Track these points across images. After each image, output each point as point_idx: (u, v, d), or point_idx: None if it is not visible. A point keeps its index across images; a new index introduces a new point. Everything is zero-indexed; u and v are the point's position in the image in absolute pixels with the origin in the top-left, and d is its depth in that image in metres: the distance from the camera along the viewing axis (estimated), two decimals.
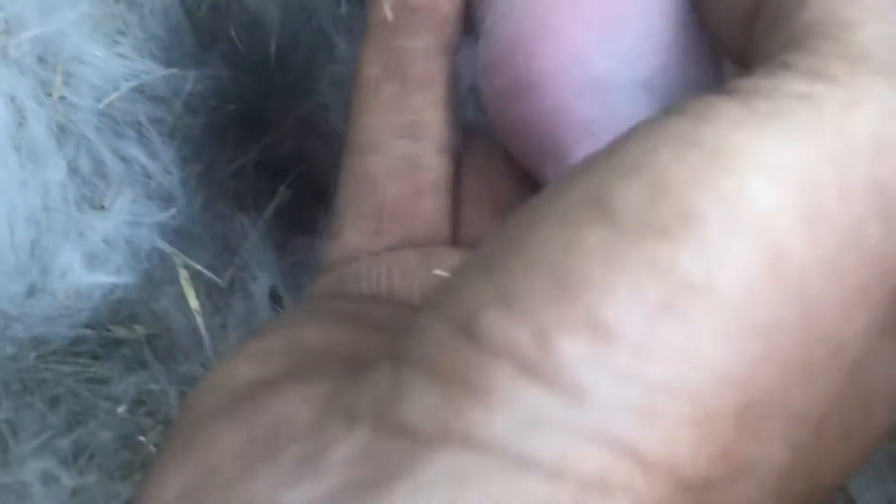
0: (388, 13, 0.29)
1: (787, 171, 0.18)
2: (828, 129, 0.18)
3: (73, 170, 0.33)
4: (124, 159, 0.34)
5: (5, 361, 0.32)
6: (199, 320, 0.34)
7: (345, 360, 0.21)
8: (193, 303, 0.34)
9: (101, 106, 0.33)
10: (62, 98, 0.33)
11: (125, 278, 0.32)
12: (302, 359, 0.22)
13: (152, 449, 0.33)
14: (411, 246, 0.28)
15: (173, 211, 0.35)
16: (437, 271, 0.27)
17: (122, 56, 0.34)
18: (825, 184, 0.18)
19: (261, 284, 0.35)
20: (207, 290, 0.35)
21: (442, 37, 0.29)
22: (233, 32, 0.38)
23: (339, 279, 0.28)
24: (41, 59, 0.32)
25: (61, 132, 0.33)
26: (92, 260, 0.32)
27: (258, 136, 0.38)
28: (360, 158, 0.29)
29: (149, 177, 0.34)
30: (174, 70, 0.35)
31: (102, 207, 0.32)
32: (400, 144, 0.29)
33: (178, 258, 0.34)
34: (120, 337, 0.34)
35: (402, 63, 0.29)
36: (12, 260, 0.32)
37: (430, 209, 0.29)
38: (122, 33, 0.34)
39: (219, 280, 0.34)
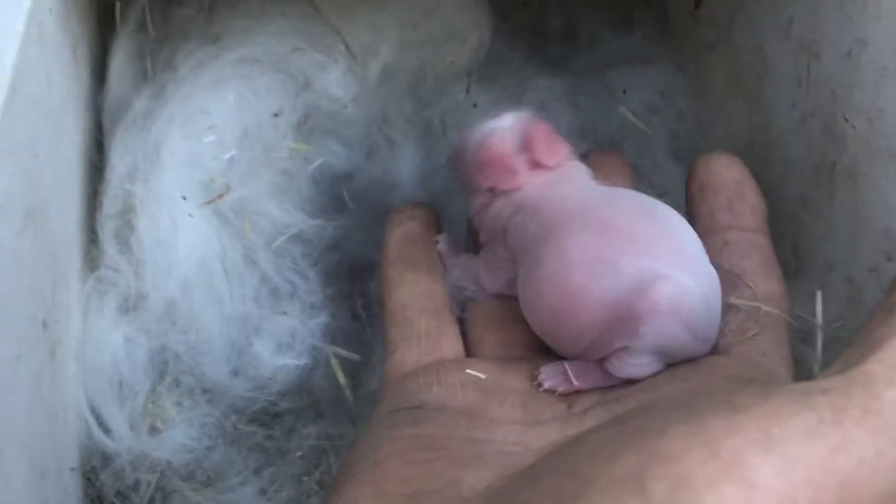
0: None
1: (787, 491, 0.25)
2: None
3: (258, 288, 0.47)
4: (289, 281, 0.48)
5: (218, 422, 0.45)
6: (347, 393, 0.47)
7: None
8: (342, 380, 0.47)
9: (273, 246, 0.48)
10: (249, 240, 0.47)
11: (304, 360, 0.46)
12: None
13: (314, 486, 0.46)
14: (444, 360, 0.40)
15: (322, 317, 0.48)
16: (469, 371, 0.38)
17: (285, 211, 0.49)
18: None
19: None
20: (349, 368, 0.48)
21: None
22: (345, 195, 0.53)
23: (398, 397, 0.37)
24: (237, 213, 0.47)
25: (250, 262, 0.47)
26: (281, 348, 0.46)
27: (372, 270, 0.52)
28: (400, 309, 0.41)
29: (304, 294, 0.49)
30: (319, 221, 0.50)
31: (285, 313, 0.46)
32: (421, 304, 0.42)
33: (329, 348, 0.48)
34: (291, 406, 0.47)
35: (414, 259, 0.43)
36: (221, 350, 0.46)
37: (450, 335, 0.41)
38: (285, 194, 0.49)
39: (356, 356, 0.47)
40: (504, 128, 0.43)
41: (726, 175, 0.43)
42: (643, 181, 0.53)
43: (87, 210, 0.47)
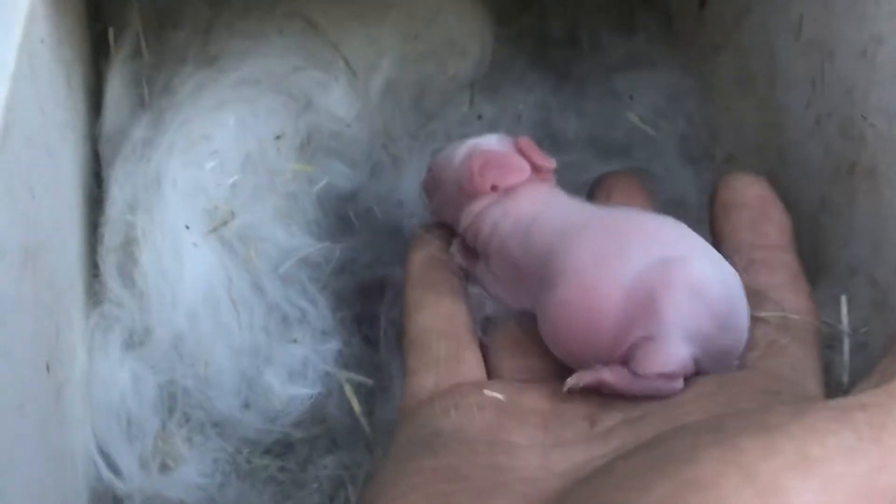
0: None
1: None
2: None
3: (267, 316, 0.46)
4: (298, 308, 0.47)
5: (230, 457, 0.44)
6: (363, 420, 0.46)
7: None
8: (357, 407, 0.46)
9: (280, 271, 0.47)
10: (255, 266, 0.46)
11: (317, 389, 0.45)
12: None
13: None
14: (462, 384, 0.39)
15: (333, 343, 0.47)
16: (487, 392, 0.37)
17: (291, 234, 0.48)
18: None
19: (398, 383, 0.47)
20: (363, 395, 0.47)
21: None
22: (351, 215, 0.52)
23: (416, 425, 0.36)
24: (242, 239, 0.46)
25: (257, 290, 0.46)
26: (293, 377, 0.44)
27: (382, 291, 0.51)
28: (420, 333, 0.40)
29: (314, 319, 0.47)
30: (326, 243, 0.49)
31: (295, 341, 0.45)
32: (442, 327, 0.40)
33: (342, 374, 0.46)
34: (305, 436, 0.46)
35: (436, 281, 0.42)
36: (230, 383, 0.45)
37: (470, 359, 0.40)
38: (290, 218, 0.48)
39: (370, 381, 0.46)
40: (492, 140, 0.43)
41: (749, 193, 0.42)
42: (655, 187, 0.51)
43: (88, 244, 0.46)
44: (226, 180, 0.44)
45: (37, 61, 0.37)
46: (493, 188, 0.40)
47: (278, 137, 0.46)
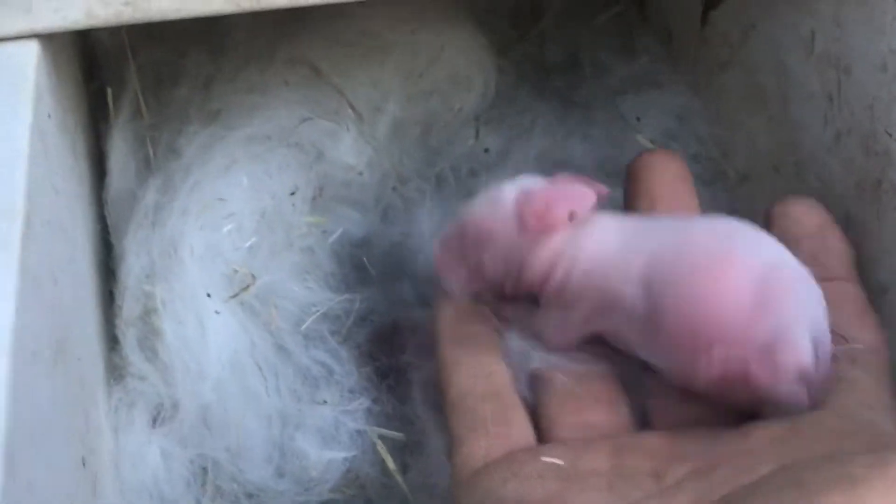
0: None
1: None
2: None
3: (293, 378, 0.45)
4: (323, 365, 0.46)
5: None
6: (398, 478, 0.45)
7: None
8: (391, 465, 0.45)
9: (301, 329, 0.46)
10: (277, 327, 0.45)
11: (352, 452, 0.43)
12: None
13: None
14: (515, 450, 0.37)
15: (362, 400, 0.46)
16: (545, 458, 0.35)
17: (309, 290, 0.47)
18: None
19: (431, 437, 0.45)
20: (396, 451, 0.45)
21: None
22: (366, 262, 0.51)
23: (476, 497, 0.35)
24: (262, 300, 0.44)
25: (281, 351, 0.45)
26: (326, 441, 0.43)
27: (402, 338, 0.50)
28: (461, 395, 0.39)
29: (341, 377, 0.46)
30: (346, 296, 0.47)
31: (325, 402, 0.43)
32: (483, 388, 0.39)
33: (374, 431, 0.45)
34: (340, 499, 0.45)
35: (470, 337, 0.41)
36: (262, 451, 0.43)
37: (518, 420, 0.38)
38: (308, 273, 0.46)
39: (402, 436, 0.45)
40: (531, 180, 0.41)
41: (807, 222, 0.41)
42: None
43: (104, 316, 0.44)
44: (243, 242, 0.43)
45: (47, 138, 0.36)
46: (571, 217, 0.39)
47: (293, 193, 0.45)
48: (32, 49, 0.37)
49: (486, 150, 0.56)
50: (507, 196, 0.40)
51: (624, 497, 0.33)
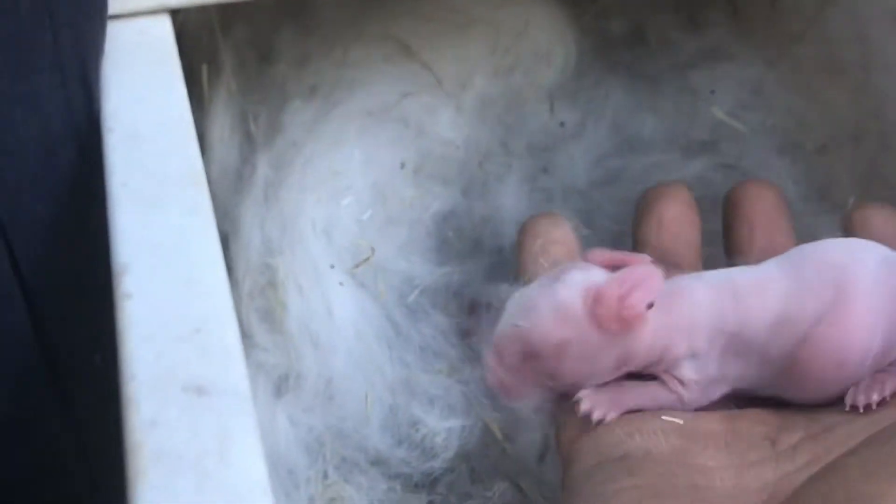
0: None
1: None
2: None
3: (405, 349, 0.45)
4: (431, 338, 0.46)
5: (384, 495, 0.43)
6: (507, 447, 0.45)
7: None
8: (499, 435, 0.45)
9: (408, 301, 0.46)
10: (386, 299, 0.45)
11: (470, 420, 0.44)
12: None
13: None
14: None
15: (470, 370, 0.46)
16: (665, 417, 0.36)
17: (412, 263, 0.47)
18: None
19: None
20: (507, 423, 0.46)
21: None
22: (451, 234, 0.51)
23: (600, 450, 0.36)
24: (374, 273, 0.45)
25: (392, 323, 0.45)
26: (443, 411, 0.43)
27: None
28: None
29: (447, 348, 0.47)
30: (446, 269, 0.48)
31: (440, 372, 0.44)
32: None
33: (481, 405, 0.46)
34: (453, 467, 0.45)
35: None
36: (383, 420, 0.44)
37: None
38: (412, 246, 0.47)
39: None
40: (580, 271, 0.37)
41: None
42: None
43: None
44: (361, 215, 0.43)
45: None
46: (650, 306, 0.36)
47: (403, 166, 0.46)
48: (165, 23, 0.37)
49: (562, 124, 0.57)
50: (569, 300, 0.36)
51: (743, 457, 0.34)
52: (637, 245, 0.45)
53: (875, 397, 0.34)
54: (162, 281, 0.27)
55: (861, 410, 0.34)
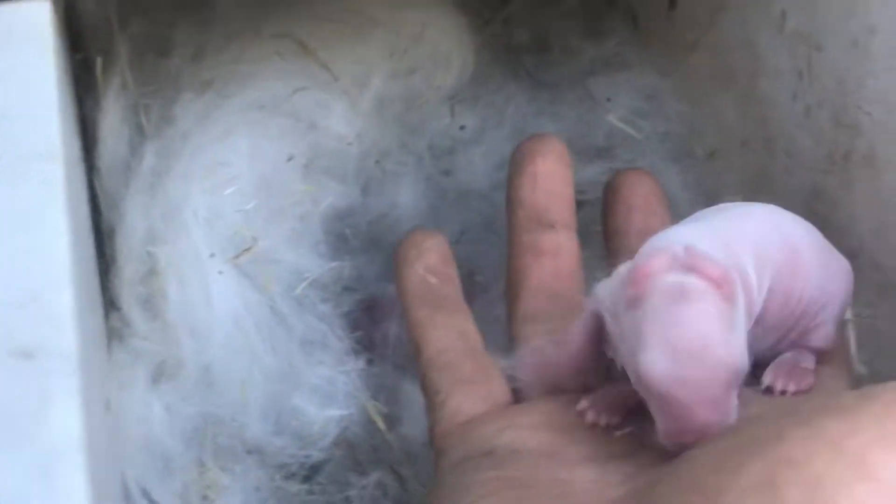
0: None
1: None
2: None
3: (288, 340, 0.46)
4: (316, 330, 0.47)
5: (261, 483, 0.44)
6: (389, 438, 0.46)
7: None
8: (382, 426, 0.46)
9: (295, 293, 0.47)
10: (272, 291, 0.46)
11: (350, 410, 0.44)
12: None
13: None
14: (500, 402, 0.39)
15: (354, 363, 0.47)
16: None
17: (301, 256, 0.47)
18: None
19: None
20: (387, 415, 0.47)
21: None
22: (349, 233, 0.52)
23: (468, 444, 0.37)
24: (258, 264, 0.45)
25: (276, 314, 0.46)
26: (323, 400, 0.44)
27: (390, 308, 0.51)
28: (440, 352, 0.41)
29: (332, 341, 0.47)
30: (335, 264, 0.48)
31: (321, 363, 0.44)
32: (460, 345, 0.41)
33: (366, 394, 0.46)
34: (332, 457, 0.46)
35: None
36: (263, 409, 0.44)
37: (497, 377, 0.40)
38: (300, 239, 0.47)
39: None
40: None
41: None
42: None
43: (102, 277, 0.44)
44: (244, 205, 0.44)
45: (64, 95, 0.37)
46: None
47: (290, 159, 0.46)
48: (45, 8, 0.37)
49: (462, 128, 0.58)
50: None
51: (605, 450, 0.35)
52: (511, 204, 0.46)
53: (791, 388, 0.36)
54: (3, 249, 0.27)
55: (776, 394, 0.36)
